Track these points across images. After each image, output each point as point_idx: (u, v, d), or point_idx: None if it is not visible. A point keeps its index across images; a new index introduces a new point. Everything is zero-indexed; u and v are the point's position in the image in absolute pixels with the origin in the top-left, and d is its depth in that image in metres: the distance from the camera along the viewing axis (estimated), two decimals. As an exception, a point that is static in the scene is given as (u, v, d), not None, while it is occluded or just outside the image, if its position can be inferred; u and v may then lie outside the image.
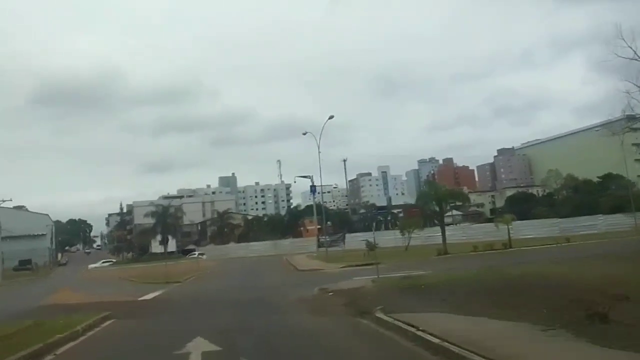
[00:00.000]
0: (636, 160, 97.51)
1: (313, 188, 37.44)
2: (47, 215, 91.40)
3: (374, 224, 47.90)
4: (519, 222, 41.61)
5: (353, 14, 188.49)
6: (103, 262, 62.15)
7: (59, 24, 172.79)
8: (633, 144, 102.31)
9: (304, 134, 36.01)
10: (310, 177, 37.36)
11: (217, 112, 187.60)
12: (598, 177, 74.79)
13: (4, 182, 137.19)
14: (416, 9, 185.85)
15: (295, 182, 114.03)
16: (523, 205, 70.54)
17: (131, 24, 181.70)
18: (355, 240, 43.75)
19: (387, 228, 79.70)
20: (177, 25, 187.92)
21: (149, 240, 78.67)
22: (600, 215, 43.89)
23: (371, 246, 33.24)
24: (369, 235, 46.48)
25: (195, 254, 67.85)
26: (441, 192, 34.90)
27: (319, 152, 33.94)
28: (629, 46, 17.78)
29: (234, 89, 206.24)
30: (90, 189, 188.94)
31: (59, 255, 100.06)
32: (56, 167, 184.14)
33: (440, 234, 46.08)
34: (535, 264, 16.77)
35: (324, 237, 38.04)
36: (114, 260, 64.29)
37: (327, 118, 33.85)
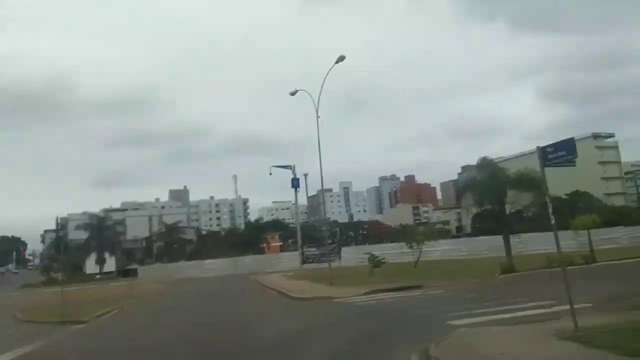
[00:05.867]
0: (602, 178, 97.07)
1: (295, 182, 27.79)
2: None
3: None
4: (534, 234, 35.34)
5: (315, 31, 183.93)
6: None
7: (4, 26, 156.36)
8: (599, 162, 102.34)
9: (293, 93, 26.82)
10: (291, 168, 28.15)
11: (171, 126, 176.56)
12: (566, 194, 72.92)
13: None
14: (379, 31, 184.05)
15: (270, 174, 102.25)
16: (493, 223, 65.87)
17: (83, 31, 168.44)
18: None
19: (357, 244, 73.89)
20: (132, 36, 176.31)
21: (82, 259, 67.28)
22: (621, 227, 39.12)
23: (377, 262, 25.68)
24: (352, 250, 39.22)
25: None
26: (506, 178, 23.90)
27: (318, 116, 24.63)
28: None
29: (190, 103, 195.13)
30: (32, 205, 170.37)
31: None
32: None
33: (436, 249, 38.94)
34: None
35: (313, 249, 29.23)
36: None
37: (334, 62, 24.04)
